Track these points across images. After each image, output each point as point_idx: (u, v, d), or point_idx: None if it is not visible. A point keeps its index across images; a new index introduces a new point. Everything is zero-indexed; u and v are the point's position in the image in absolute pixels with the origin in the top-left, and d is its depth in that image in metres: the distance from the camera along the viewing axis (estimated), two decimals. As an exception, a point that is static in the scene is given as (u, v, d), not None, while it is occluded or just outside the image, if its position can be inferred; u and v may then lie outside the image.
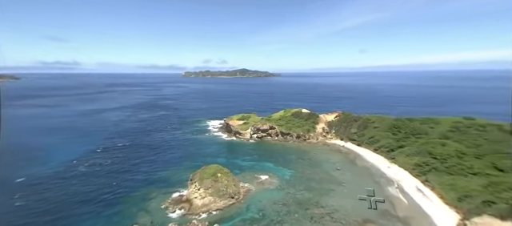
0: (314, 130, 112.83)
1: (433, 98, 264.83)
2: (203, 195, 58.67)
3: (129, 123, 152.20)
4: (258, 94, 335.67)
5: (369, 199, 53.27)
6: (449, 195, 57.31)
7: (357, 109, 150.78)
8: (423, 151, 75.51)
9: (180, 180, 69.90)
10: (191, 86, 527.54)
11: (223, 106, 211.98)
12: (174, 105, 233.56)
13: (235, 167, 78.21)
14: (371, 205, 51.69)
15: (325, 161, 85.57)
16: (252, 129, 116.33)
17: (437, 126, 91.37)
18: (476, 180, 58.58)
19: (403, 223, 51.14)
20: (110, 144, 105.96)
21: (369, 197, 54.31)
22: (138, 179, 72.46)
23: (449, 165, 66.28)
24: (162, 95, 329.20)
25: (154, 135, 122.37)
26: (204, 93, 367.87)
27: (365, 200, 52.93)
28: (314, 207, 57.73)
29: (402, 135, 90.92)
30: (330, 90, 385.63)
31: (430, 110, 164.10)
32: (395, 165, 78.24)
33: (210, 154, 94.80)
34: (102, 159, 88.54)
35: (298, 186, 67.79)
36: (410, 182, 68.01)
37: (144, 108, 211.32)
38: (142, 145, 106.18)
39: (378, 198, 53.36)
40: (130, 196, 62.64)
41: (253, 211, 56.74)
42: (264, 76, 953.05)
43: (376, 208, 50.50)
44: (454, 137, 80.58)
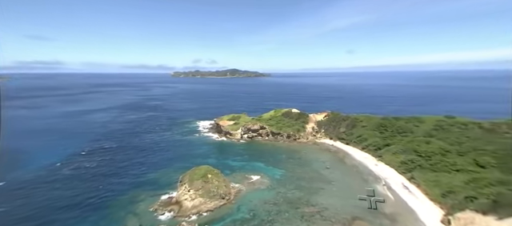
0: (303, 129, 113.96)
1: (418, 97, 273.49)
2: (193, 197, 58.05)
3: (116, 124, 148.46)
4: (248, 95, 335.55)
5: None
6: (433, 192, 59.33)
7: (345, 108, 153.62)
8: (409, 149, 77.78)
9: (169, 182, 68.82)
10: (180, 86, 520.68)
11: (213, 107, 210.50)
12: (163, 106, 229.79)
13: (226, 168, 77.87)
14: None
15: (315, 160, 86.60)
16: (242, 129, 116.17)
17: (421, 124, 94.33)
18: (459, 176, 60.92)
19: (390, 219, 52.48)
20: (95, 146, 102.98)
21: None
22: (126, 182, 70.80)
23: (433, 162, 68.59)
24: (151, 96, 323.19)
25: (142, 137, 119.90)
26: (194, 93, 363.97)
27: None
28: (304, 206, 58.32)
29: (388, 134, 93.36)
30: (319, 90, 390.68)
31: (416, 109, 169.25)
32: (382, 163, 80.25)
33: (200, 155, 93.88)
34: (87, 161, 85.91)
35: (288, 185, 68.29)
36: (396, 179, 69.96)
37: (132, 109, 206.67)
38: (130, 147, 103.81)
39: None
40: (117, 200, 61.11)
41: (244, 211, 56.68)
42: (254, 76, 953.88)
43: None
44: (437, 135, 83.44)
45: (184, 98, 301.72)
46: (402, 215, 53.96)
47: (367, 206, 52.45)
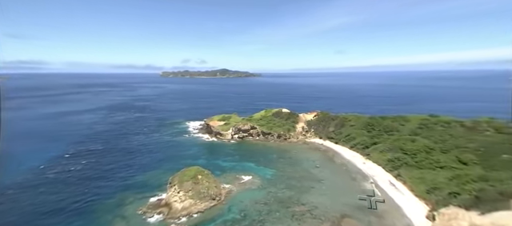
0: (294, 129, 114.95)
1: (404, 97, 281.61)
2: (183, 199, 57.33)
3: (102, 125, 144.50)
4: (238, 95, 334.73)
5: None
6: (418, 188, 61.25)
7: (334, 108, 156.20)
8: (395, 147, 79.91)
9: (158, 184, 67.64)
10: (169, 86, 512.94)
11: (203, 107, 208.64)
12: (152, 106, 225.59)
13: (216, 169, 77.38)
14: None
15: (305, 159, 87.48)
16: (233, 129, 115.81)
17: (407, 123, 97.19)
18: (443, 173, 63.17)
19: (378, 216, 53.74)
20: (81, 149, 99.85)
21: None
22: (113, 185, 68.95)
23: (418, 160, 70.80)
24: (139, 96, 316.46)
25: (129, 138, 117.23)
26: (183, 93, 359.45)
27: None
28: (294, 205, 58.82)
29: (375, 133, 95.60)
30: (309, 90, 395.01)
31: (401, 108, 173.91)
32: (370, 161, 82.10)
33: (190, 156, 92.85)
34: (72, 164, 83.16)
35: (279, 185, 68.65)
36: (383, 177, 71.74)
37: (119, 110, 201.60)
38: (117, 149, 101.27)
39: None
40: (103, 203, 59.46)
41: (234, 212, 56.52)
42: (245, 76, 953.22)
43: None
44: (422, 133, 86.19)
45: (173, 98, 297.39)
46: (389, 212, 55.35)
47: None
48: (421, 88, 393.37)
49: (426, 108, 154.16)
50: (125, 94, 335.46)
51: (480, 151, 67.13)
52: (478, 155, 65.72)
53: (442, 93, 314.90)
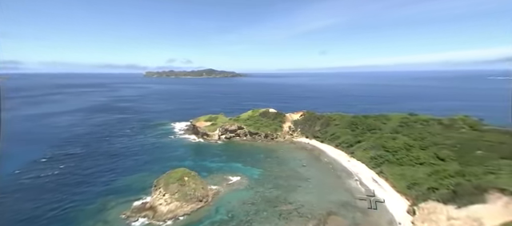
0: (281, 129, 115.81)
1: (386, 96, 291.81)
2: (169, 201, 56.11)
3: (82, 127, 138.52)
4: (225, 95, 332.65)
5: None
6: (400, 184, 63.64)
7: (320, 108, 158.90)
8: (378, 145, 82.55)
9: (143, 187, 65.72)
10: (154, 86, 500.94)
11: (189, 108, 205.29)
12: (135, 107, 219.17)
13: (203, 170, 76.44)
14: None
15: (292, 159, 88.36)
16: (220, 130, 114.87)
17: (388, 122, 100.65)
18: (422, 169, 65.95)
19: (362, 212, 55.30)
20: (59, 152, 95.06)
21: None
22: (94, 190, 66.14)
23: (399, 157, 73.48)
24: (121, 97, 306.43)
25: (111, 141, 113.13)
26: (168, 94, 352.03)
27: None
28: (282, 204, 59.24)
29: (359, 131, 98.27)
30: (295, 90, 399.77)
31: (383, 107, 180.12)
32: (354, 159, 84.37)
33: (176, 157, 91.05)
34: (49, 169, 79.01)
35: (266, 184, 68.88)
36: (367, 174, 73.93)
37: (100, 111, 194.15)
38: (98, 152, 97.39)
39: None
40: (84, 209, 56.93)
41: (222, 213, 56.06)
42: (231, 76, 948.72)
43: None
44: (402, 131, 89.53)
45: (158, 99, 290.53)
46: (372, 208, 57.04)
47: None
48: (401, 88, 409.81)
49: (407, 107, 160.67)
50: (106, 95, 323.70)
51: (456, 147, 70.70)
52: (455, 151, 69.17)
53: (421, 92, 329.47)
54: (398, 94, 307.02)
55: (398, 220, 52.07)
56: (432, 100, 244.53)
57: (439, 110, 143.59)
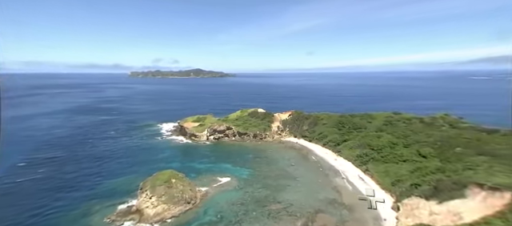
0: (269, 128, 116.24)
1: (372, 95, 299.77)
2: (155, 204, 54.93)
3: (63, 130, 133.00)
4: (213, 95, 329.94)
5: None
6: (384, 181, 65.53)
7: (307, 107, 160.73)
8: (363, 143, 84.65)
9: (129, 191, 64.00)
10: (140, 87, 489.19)
11: (177, 109, 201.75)
12: (120, 108, 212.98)
13: (191, 171, 75.46)
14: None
15: (280, 158, 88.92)
16: (208, 130, 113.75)
17: (373, 120, 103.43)
18: (405, 166, 68.13)
19: (348, 210, 56.53)
20: (39, 156, 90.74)
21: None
22: (77, 195, 63.63)
23: (384, 154, 75.64)
24: (105, 98, 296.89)
25: (95, 143, 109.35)
26: (155, 94, 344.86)
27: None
28: (271, 203, 59.47)
29: (345, 130, 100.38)
30: (283, 90, 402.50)
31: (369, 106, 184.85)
32: (341, 157, 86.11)
33: (163, 159, 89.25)
34: (29, 174, 75.24)
35: (255, 184, 68.92)
36: (353, 172, 75.67)
37: (82, 113, 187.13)
38: (81, 155, 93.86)
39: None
40: (66, 215, 54.72)
41: (210, 214, 55.54)
42: (219, 76, 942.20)
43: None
44: (387, 130, 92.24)
45: (144, 99, 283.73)
46: (358, 204, 58.46)
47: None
48: (386, 87, 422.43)
49: (391, 106, 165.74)
50: (89, 96, 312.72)
51: (437, 144, 73.62)
52: (436, 148, 72.01)
53: (404, 92, 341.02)
54: (382, 94, 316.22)
55: (383, 217, 53.58)
56: (415, 99, 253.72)
57: (421, 109, 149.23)
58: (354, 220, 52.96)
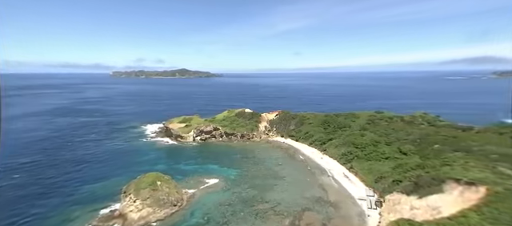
0: (257, 129, 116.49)
1: (355, 95, 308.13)
2: (140, 208, 53.49)
3: (40, 132, 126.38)
4: (199, 96, 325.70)
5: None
6: (368, 178, 67.60)
7: (294, 107, 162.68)
8: (348, 142, 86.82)
9: (111, 195, 61.71)
10: (122, 87, 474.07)
11: (162, 110, 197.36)
12: (102, 109, 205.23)
13: (178, 173, 74.11)
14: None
15: (268, 158, 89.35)
16: (195, 131, 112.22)
17: (357, 119, 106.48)
18: (387, 163, 70.64)
19: (334, 207, 57.81)
20: (13, 161, 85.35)
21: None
22: (56, 201, 60.61)
23: (367, 152, 77.94)
24: (85, 99, 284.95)
25: (75, 146, 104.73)
26: (138, 95, 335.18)
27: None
28: (258, 203, 59.62)
29: (331, 129, 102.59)
30: (270, 90, 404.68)
31: (353, 106, 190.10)
32: (327, 156, 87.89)
33: (147, 162, 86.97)
34: (3, 180, 70.89)
35: (243, 185, 68.83)
36: (338, 170, 77.46)
37: (62, 115, 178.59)
38: (60, 159, 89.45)
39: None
40: (44, 223, 52.05)
41: (197, 216, 54.85)
42: (206, 76, 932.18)
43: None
44: (370, 128, 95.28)
45: (127, 100, 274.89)
46: (343, 201, 59.98)
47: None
48: (369, 87, 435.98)
49: (373, 105, 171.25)
50: (68, 97, 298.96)
51: (417, 142, 76.99)
52: (416, 145, 75.29)
53: (386, 91, 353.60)
54: (365, 93, 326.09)
55: (367, 213, 55.23)
56: (396, 98, 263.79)
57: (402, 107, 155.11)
58: (340, 217, 54.21)
